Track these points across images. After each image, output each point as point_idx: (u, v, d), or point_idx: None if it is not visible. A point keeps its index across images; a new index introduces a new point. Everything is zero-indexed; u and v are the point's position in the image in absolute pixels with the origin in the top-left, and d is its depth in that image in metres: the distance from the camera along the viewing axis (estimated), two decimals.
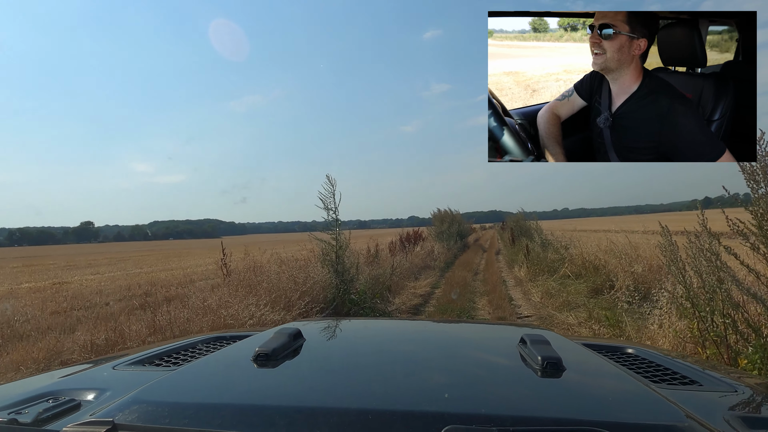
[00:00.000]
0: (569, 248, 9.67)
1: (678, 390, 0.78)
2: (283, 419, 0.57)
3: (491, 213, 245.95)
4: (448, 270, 10.90)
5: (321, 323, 1.32)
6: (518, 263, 10.79)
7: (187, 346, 1.11)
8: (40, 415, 0.61)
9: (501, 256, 15.13)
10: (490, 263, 12.62)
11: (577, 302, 6.20)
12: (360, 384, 0.75)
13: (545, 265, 8.98)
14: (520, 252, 11.60)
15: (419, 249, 11.97)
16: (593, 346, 1.05)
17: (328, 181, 5.15)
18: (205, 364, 0.86)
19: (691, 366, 0.93)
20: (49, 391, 0.74)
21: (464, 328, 1.46)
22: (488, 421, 0.55)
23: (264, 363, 0.79)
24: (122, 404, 0.62)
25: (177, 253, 28.46)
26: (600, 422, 0.54)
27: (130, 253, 33.35)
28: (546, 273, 8.63)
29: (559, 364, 0.74)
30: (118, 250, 45.82)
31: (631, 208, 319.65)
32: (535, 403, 0.66)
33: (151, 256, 25.59)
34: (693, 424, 0.57)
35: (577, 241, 10.28)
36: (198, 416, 0.59)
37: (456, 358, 0.93)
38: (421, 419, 0.57)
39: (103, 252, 37.89)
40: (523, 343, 0.88)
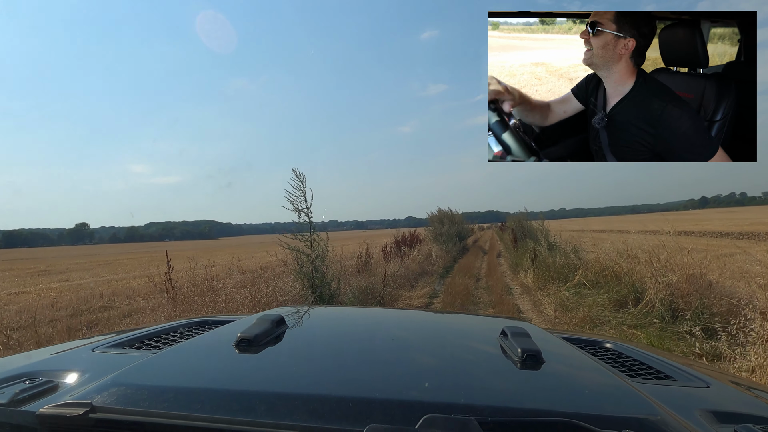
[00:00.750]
0: (578, 251, 8.76)
1: (652, 384, 0.79)
2: (264, 405, 0.57)
3: (489, 213, 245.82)
4: (447, 276, 9.97)
5: (304, 310, 1.33)
6: (523, 268, 9.87)
7: (169, 330, 1.10)
8: (16, 395, 0.60)
9: (503, 260, 14.22)
10: (492, 268, 11.69)
11: (600, 318, 5.29)
12: (341, 371, 0.75)
13: (555, 271, 8.06)
14: (524, 256, 10.69)
15: (416, 253, 11.02)
16: (572, 340, 1.07)
17: (296, 177, 4.20)
18: (186, 349, 0.85)
19: (667, 362, 0.94)
20: (25, 372, 0.73)
21: (447, 318, 1.45)
22: (467, 411, 0.55)
23: (246, 349, 0.79)
24: (101, 386, 0.62)
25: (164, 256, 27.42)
26: (576, 414, 0.55)
27: (118, 255, 32.30)
28: (557, 280, 7.71)
29: (538, 356, 0.76)
30: (108, 252, 44.75)
31: (628, 207, 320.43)
32: (514, 394, 0.67)
33: (137, 259, 24.57)
34: (665, 417, 0.58)
35: (585, 243, 9.36)
36: (177, 400, 0.58)
37: (437, 348, 0.93)
38: (400, 407, 0.57)
39: (90, 254, 36.75)
40: (504, 335, 0.90)
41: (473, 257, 15.04)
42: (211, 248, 39.00)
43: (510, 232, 17.51)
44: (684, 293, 4.85)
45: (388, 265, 9.14)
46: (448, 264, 12.10)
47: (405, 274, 8.75)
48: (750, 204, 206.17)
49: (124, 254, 34.30)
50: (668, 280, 5.06)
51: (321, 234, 4.58)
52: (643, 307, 5.18)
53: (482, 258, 15.12)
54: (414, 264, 10.02)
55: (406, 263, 9.63)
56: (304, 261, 4.26)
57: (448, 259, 13.04)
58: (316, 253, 4.33)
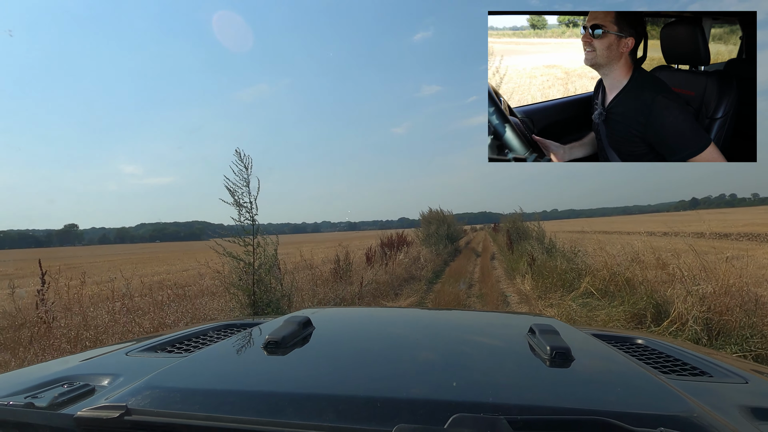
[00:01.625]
0: (580, 254, 7.83)
1: (687, 381, 0.77)
2: (292, 406, 0.58)
3: (481, 214, 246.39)
4: (436, 281, 9.01)
5: (330, 311, 1.35)
6: (520, 273, 8.94)
7: (198, 333, 1.11)
8: (55, 399, 0.62)
9: (497, 263, 13.29)
10: (486, 272, 10.74)
11: None
12: (368, 371, 0.75)
13: (557, 277, 7.14)
14: (521, 259, 9.75)
15: (402, 256, 10.04)
16: (602, 336, 1.05)
17: (239, 160, 3.21)
18: (215, 351, 0.86)
19: (702, 357, 0.91)
20: (64, 376, 0.75)
21: (473, 316, 1.45)
22: (496, 410, 0.55)
23: (274, 350, 0.80)
24: (135, 389, 0.64)
25: (144, 259, 26.28)
26: (607, 412, 0.54)
27: (97, 257, 30.93)
28: (560, 288, 6.78)
29: (567, 353, 0.74)
30: (89, 254, 43.25)
31: (620, 209, 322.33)
32: (543, 392, 0.66)
33: (112, 262, 23.33)
34: (702, 414, 0.56)
35: (586, 245, 8.43)
36: (209, 402, 0.60)
37: (464, 347, 0.92)
38: (428, 407, 0.57)
39: (66, 257, 35.13)
40: (531, 333, 0.89)
41: (465, 260, 14.07)
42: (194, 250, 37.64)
43: (504, 233, 16.59)
44: (723, 309, 3.92)
45: (370, 270, 8.15)
46: (438, 268, 11.15)
47: (389, 280, 7.78)
48: (740, 205, 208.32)
49: (102, 256, 32.88)
50: (701, 290, 4.13)
51: (271, 237, 3.58)
52: (670, 325, 4.25)
53: (475, 261, 14.16)
54: (400, 269, 9.05)
55: (392, 268, 8.65)
56: (242, 272, 3.27)
57: (438, 262, 12.09)
58: (261, 261, 3.33)
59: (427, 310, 1.94)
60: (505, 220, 18.88)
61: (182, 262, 19.42)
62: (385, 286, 7.41)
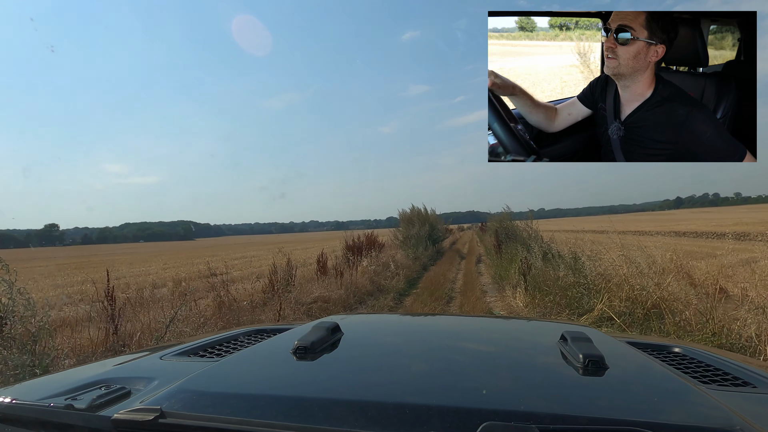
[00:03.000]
0: (582, 259, 6.10)
1: (729, 391, 0.74)
2: (322, 411, 0.58)
3: (469, 213, 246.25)
4: (408, 293, 7.27)
5: (359, 317, 1.37)
6: (510, 284, 7.26)
7: (230, 338, 1.12)
8: (93, 401, 0.63)
9: (483, 267, 11.61)
10: (470, 280, 9.03)
11: None
12: (398, 378, 0.74)
13: (558, 291, 5.46)
14: (511, 266, 8.01)
15: (368, 262, 8.25)
16: (638, 345, 1.02)
17: None
18: (246, 356, 0.87)
19: (744, 366, 0.87)
20: (101, 379, 0.76)
21: (503, 323, 1.42)
22: (527, 419, 0.54)
23: (303, 356, 0.80)
24: (169, 393, 0.65)
25: (115, 261, 24.22)
26: (644, 422, 0.53)
27: (61, 259, 28.63)
28: (565, 308, 5.10)
29: (601, 362, 0.73)
30: (63, 254, 40.79)
31: (605, 208, 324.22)
32: (576, 401, 0.65)
33: (72, 264, 21.24)
34: (745, 426, 0.54)
35: (587, 248, 6.73)
36: (239, 406, 0.61)
37: (495, 354, 0.91)
38: (458, 415, 0.56)
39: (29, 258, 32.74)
40: (563, 340, 0.87)
41: (448, 264, 12.33)
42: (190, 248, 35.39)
43: (492, 234, 14.70)
44: None
45: (319, 284, 6.37)
46: (413, 275, 9.40)
47: (343, 296, 6.01)
48: (723, 204, 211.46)
49: (71, 257, 30.51)
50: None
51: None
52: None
53: (458, 265, 12.43)
54: (364, 279, 7.29)
55: (352, 278, 6.88)
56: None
57: (415, 267, 10.36)
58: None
59: (458, 316, 1.71)
60: (492, 219, 16.99)
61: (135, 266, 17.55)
62: (336, 305, 5.64)
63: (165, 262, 18.29)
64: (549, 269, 6.40)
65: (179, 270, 13.32)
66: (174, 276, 10.71)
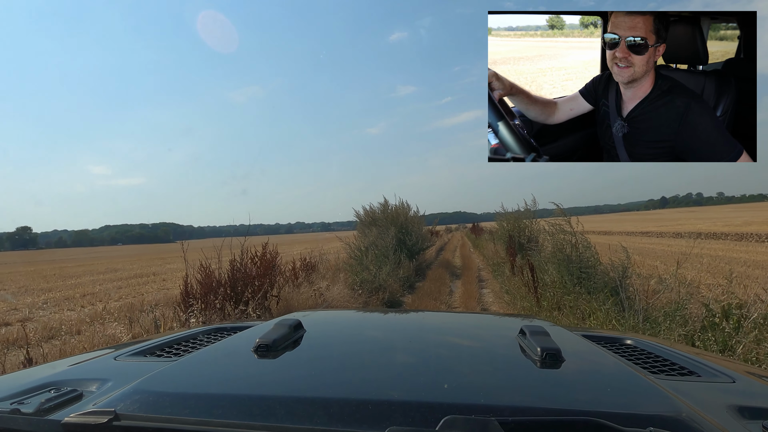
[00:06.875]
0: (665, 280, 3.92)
1: (676, 381, 0.78)
2: (283, 409, 0.58)
3: (456, 214, 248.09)
4: None
5: (321, 314, 1.35)
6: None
7: (188, 337, 1.10)
8: (42, 405, 0.61)
9: (491, 296, 7.09)
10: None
11: None
12: (359, 374, 0.75)
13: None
14: (552, 301, 4.88)
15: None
16: (592, 337, 1.05)
17: None
18: (206, 355, 0.86)
19: (690, 357, 0.92)
20: (51, 382, 0.74)
21: (463, 318, 1.44)
22: (487, 411, 0.55)
23: (264, 354, 0.80)
24: (124, 394, 0.63)
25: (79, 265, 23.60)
26: (598, 412, 0.54)
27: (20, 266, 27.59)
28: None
29: (558, 354, 0.75)
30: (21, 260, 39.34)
31: (591, 208, 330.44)
32: (535, 393, 0.67)
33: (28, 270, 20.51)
34: (691, 413, 0.57)
35: (634, 263, 4.65)
36: (199, 406, 0.59)
37: (455, 349, 0.92)
38: (420, 409, 0.57)
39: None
40: (522, 334, 0.89)
41: (432, 299, 6.85)
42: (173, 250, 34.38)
43: (503, 240, 10.39)
44: None
45: None
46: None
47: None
48: (707, 204, 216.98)
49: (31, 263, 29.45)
50: None
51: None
52: None
53: (450, 295, 7.31)
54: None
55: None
56: None
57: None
58: None
59: (418, 312, 1.73)
60: (500, 218, 11.49)
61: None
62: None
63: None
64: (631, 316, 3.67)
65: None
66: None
